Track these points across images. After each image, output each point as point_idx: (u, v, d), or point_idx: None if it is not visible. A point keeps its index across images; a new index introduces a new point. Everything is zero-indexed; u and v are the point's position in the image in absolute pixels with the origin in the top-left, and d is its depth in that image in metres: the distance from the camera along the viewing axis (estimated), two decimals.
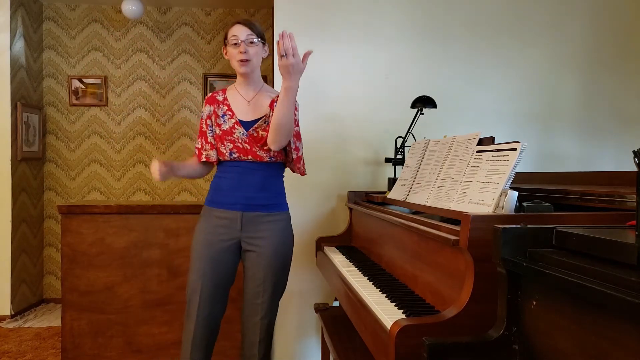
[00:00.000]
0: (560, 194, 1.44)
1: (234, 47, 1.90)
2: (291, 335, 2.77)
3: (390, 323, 1.14)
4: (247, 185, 1.92)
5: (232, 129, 1.93)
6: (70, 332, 2.65)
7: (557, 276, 0.82)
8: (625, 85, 2.89)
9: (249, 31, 1.90)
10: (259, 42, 1.92)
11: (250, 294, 1.95)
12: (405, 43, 2.78)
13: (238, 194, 1.92)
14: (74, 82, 4.45)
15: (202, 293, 1.91)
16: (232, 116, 1.95)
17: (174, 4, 4.46)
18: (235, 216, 1.91)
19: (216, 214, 1.94)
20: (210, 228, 1.94)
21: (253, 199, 1.92)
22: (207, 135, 2.00)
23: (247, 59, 1.89)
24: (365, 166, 2.77)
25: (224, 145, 1.94)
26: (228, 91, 2.02)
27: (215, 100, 2.00)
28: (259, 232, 1.92)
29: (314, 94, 2.73)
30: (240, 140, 1.92)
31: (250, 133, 1.92)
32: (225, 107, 1.97)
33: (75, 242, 2.66)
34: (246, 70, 1.92)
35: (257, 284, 1.92)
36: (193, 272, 1.94)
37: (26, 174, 4.15)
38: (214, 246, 1.92)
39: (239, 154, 1.92)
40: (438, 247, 1.34)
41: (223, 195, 1.94)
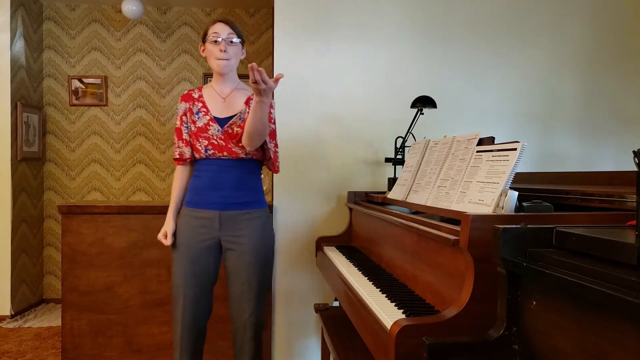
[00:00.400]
0: (560, 194, 1.44)
1: (213, 44, 1.90)
2: (291, 335, 2.77)
3: (390, 323, 1.14)
4: (224, 184, 1.92)
5: (207, 125, 1.94)
6: (70, 332, 2.65)
7: (557, 276, 0.82)
8: (625, 85, 2.89)
9: (230, 30, 1.91)
10: (238, 43, 1.93)
11: (235, 293, 1.95)
12: (405, 43, 2.78)
13: (215, 193, 1.92)
14: (74, 82, 4.45)
15: (186, 295, 1.92)
16: (206, 113, 1.96)
17: (174, 4, 4.46)
18: (214, 215, 1.92)
19: (194, 215, 1.94)
20: (189, 229, 1.94)
21: (230, 197, 1.92)
22: (182, 132, 2.01)
23: (226, 59, 1.90)
24: (365, 166, 2.77)
25: (199, 142, 1.94)
26: (204, 89, 2.03)
27: (190, 98, 2.01)
28: (239, 230, 1.93)
29: (314, 94, 2.73)
30: (215, 137, 1.92)
31: (225, 129, 1.92)
32: (200, 104, 1.98)
33: (75, 242, 2.66)
34: (224, 70, 1.93)
35: (242, 282, 1.93)
36: (175, 275, 1.95)
37: (26, 174, 4.15)
38: (193, 247, 1.93)
39: (214, 151, 1.93)
40: (438, 247, 1.34)
41: (200, 195, 1.94)
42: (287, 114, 2.71)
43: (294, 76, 2.73)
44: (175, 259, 1.96)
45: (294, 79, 2.73)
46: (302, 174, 2.73)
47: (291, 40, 2.72)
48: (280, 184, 2.73)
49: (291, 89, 2.73)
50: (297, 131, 2.72)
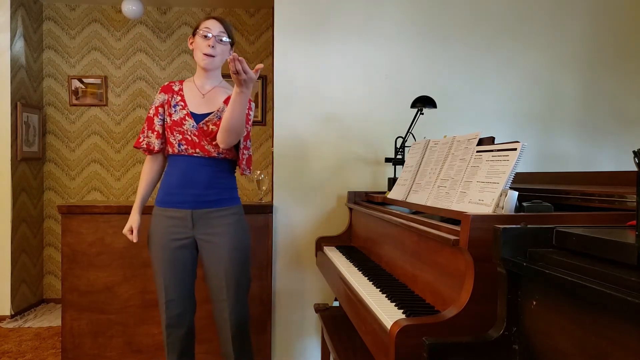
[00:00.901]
0: (560, 194, 1.44)
1: (203, 39, 1.90)
2: (291, 335, 2.77)
3: (390, 323, 1.14)
4: (195, 182, 1.91)
5: (183, 120, 1.92)
6: (70, 332, 2.65)
7: (557, 276, 0.82)
8: (625, 86, 2.90)
9: (221, 28, 1.91)
10: (227, 42, 1.93)
11: (214, 292, 1.95)
12: (405, 43, 2.78)
13: (186, 192, 1.91)
14: (74, 82, 4.45)
15: (168, 295, 1.93)
16: (184, 107, 1.94)
17: (174, 4, 4.46)
18: (186, 215, 1.91)
19: (166, 214, 1.93)
20: (162, 229, 1.93)
21: (202, 195, 1.91)
22: (154, 122, 1.98)
23: (212, 55, 1.90)
24: (365, 166, 2.77)
25: (173, 136, 1.93)
26: (185, 83, 2.02)
27: (170, 89, 1.99)
28: (212, 228, 1.92)
29: (314, 93, 2.73)
30: (189, 133, 1.91)
31: (200, 126, 1.91)
32: (179, 97, 1.96)
33: (75, 242, 2.66)
34: (208, 66, 1.93)
35: (219, 280, 1.92)
36: (156, 275, 1.95)
37: (26, 174, 4.15)
38: (168, 247, 1.92)
39: (186, 146, 1.91)
40: (438, 247, 1.34)
41: (172, 194, 1.93)
42: (287, 114, 2.71)
43: (293, 76, 2.73)
44: (153, 260, 1.96)
45: (294, 79, 2.73)
46: (302, 174, 2.74)
47: (291, 40, 2.72)
48: (280, 184, 2.74)
49: (291, 89, 2.73)
50: (297, 131, 2.72)
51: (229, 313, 1.93)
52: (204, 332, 2.53)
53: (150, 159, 2.04)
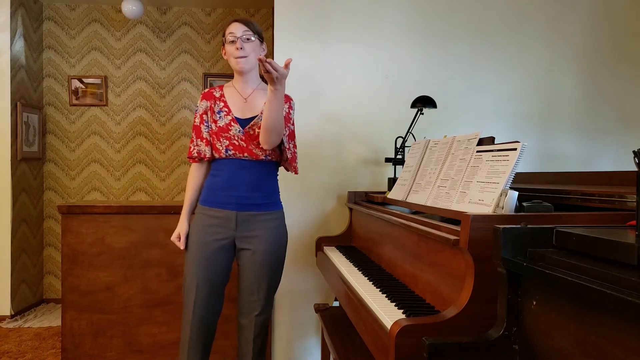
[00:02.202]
0: (560, 194, 1.44)
1: (231, 44, 1.91)
2: (291, 335, 2.77)
3: (390, 323, 1.14)
4: (242, 184, 1.92)
5: (228, 125, 1.93)
6: (70, 332, 2.65)
7: (557, 276, 0.82)
8: (625, 85, 2.90)
9: (245, 28, 1.90)
10: (255, 39, 1.92)
11: (245, 292, 1.96)
12: (405, 43, 2.78)
13: (232, 193, 1.91)
14: (74, 82, 4.45)
15: (198, 293, 1.92)
16: (228, 113, 1.95)
17: (174, 4, 4.46)
18: (230, 215, 1.91)
19: (210, 214, 1.94)
20: (204, 228, 1.93)
21: (247, 198, 1.92)
22: (201, 130, 1.98)
23: (244, 55, 1.90)
24: (365, 166, 2.77)
25: (219, 142, 1.94)
26: (225, 88, 2.02)
27: (212, 96, 2.00)
28: (253, 231, 1.93)
29: (314, 94, 2.73)
30: (236, 138, 1.92)
31: (246, 130, 1.92)
32: (222, 103, 1.97)
33: (75, 242, 2.66)
34: (243, 67, 1.92)
35: (252, 282, 1.93)
36: (188, 273, 1.94)
37: (26, 174, 4.15)
38: (208, 246, 1.92)
39: (234, 151, 1.92)
40: (438, 247, 1.34)
41: (217, 195, 1.93)
42: None
43: (293, 76, 2.73)
44: (188, 257, 1.95)
45: (294, 79, 2.73)
46: (302, 174, 2.73)
47: (291, 40, 2.72)
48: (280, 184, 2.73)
49: (291, 89, 2.72)
50: (297, 131, 2.71)
51: (256, 314, 1.94)
52: None
53: (196, 166, 2.04)
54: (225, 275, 1.98)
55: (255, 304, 1.94)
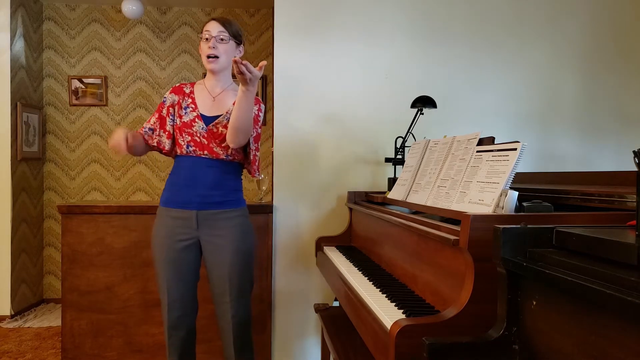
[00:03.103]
0: (560, 194, 1.44)
1: (204, 42, 1.92)
2: (291, 335, 2.77)
3: (390, 323, 1.14)
4: (201, 183, 1.91)
5: (192, 121, 1.93)
6: (70, 332, 2.65)
7: (557, 276, 0.82)
8: (625, 85, 2.89)
9: (221, 28, 1.91)
10: (229, 41, 1.92)
11: (217, 293, 1.95)
12: (405, 43, 2.78)
13: (192, 192, 1.91)
14: (74, 82, 4.45)
15: (170, 296, 1.92)
16: (194, 109, 1.95)
17: (174, 4, 4.46)
18: (190, 215, 1.91)
19: (171, 214, 1.93)
20: (167, 229, 1.93)
21: (207, 196, 1.91)
22: (166, 122, 1.99)
23: (215, 55, 1.90)
24: (365, 166, 2.77)
25: (182, 137, 1.94)
26: (196, 85, 2.03)
27: (181, 91, 2.00)
28: (216, 229, 1.92)
29: (313, 93, 2.73)
30: (198, 134, 1.92)
31: (209, 128, 1.92)
32: (190, 99, 1.98)
33: (75, 242, 2.66)
34: (213, 67, 1.93)
35: (222, 282, 1.92)
36: (158, 276, 1.95)
37: (26, 174, 4.15)
38: (173, 247, 1.92)
39: (195, 148, 1.92)
40: (438, 247, 1.34)
41: (177, 194, 1.93)
42: (287, 114, 2.71)
43: (293, 76, 2.73)
44: (156, 261, 1.95)
45: (294, 79, 2.73)
46: (302, 174, 2.73)
47: (291, 40, 2.72)
48: (280, 184, 2.74)
49: (291, 89, 2.73)
50: (297, 131, 2.72)
51: (231, 315, 1.93)
52: (204, 332, 2.53)
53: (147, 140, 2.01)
54: (194, 274, 1.98)
55: (228, 305, 1.92)
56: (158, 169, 4.55)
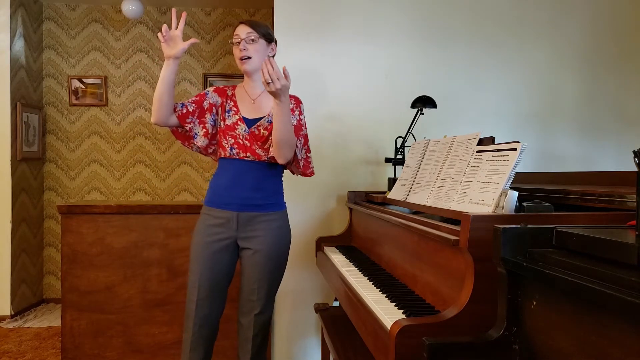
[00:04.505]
0: (560, 194, 1.44)
1: (235, 46, 1.94)
2: (291, 335, 2.77)
3: (390, 323, 1.14)
4: (243, 185, 1.93)
5: (235, 124, 1.95)
6: (70, 332, 2.65)
7: (557, 276, 0.82)
8: (625, 85, 2.90)
9: (249, 29, 1.92)
10: (259, 40, 1.93)
11: (245, 292, 1.97)
12: (405, 43, 2.78)
13: (234, 194, 1.93)
14: (74, 82, 4.45)
15: (200, 293, 1.93)
16: (236, 112, 1.98)
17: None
18: (231, 216, 1.93)
19: (213, 214, 1.95)
20: (207, 228, 1.95)
21: (248, 198, 1.93)
22: (206, 117, 1.96)
23: (247, 56, 1.92)
24: (365, 166, 2.77)
25: (226, 140, 1.96)
26: (237, 89, 2.05)
27: (224, 94, 2.02)
28: (255, 231, 1.94)
29: (314, 94, 2.73)
30: (241, 137, 1.94)
31: (252, 130, 1.94)
32: (232, 102, 2.00)
33: (75, 242, 2.66)
34: (247, 68, 1.95)
35: (253, 282, 1.94)
36: (191, 272, 1.96)
37: (26, 174, 4.15)
38: (211, 246, 1.93)
39: (238, 150, 1.94)
40: (438, 247, 1.34)
41: (220, 195, 1.95)
42: None
43: (293, 76, 2.72)
44: (193, 257, 1.96)
45: (294, 79, 2.72)
46: None
47: (291, 41, 2.72)
48: None
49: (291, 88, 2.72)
50: None
51: (256, 313, 1.95)
52: None
53: None
54: (227, 275, 1.99)
55: (256, 303, 1.95)
56: (158, 169, 4.55)
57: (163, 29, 1.82)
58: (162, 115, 1.89)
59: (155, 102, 1.88)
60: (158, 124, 1.91)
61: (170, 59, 1.85)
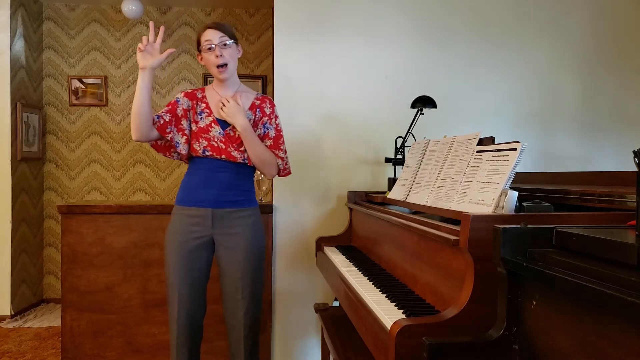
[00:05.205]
0: (560, 194, 1.44)
1: (208, 52, 1.92)
2: (291, 335, 2.77)
3: (390, 323, 1.14)
4: (217, 184, 1.94)
5: (209, 126, 1.95)
6: (70, 332, 2.65)
7: (557, 276, 0.82)
8: (625, 85, 2.90)
9: (220, 34, 1.92)
10: (232, 43, 1.94)
11: (229, 291, 1.97)
12: (405, 43, 2.78)
13: (208, 192, 1.93)
14: (73, 82, 4.45)
15: (181, 293, 1.93)
16: (209, 114, 1.97)
17: (174, 4, 4.46)
18: (206, 213, 1.93)
19: (187, 213, 1.95)
20: (182, 227, 1.94)
21: (223, 195, 1.94)
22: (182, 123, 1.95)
23: (224, 63, 1.92)
24: (365, 166, 2.77)
25: (198, 142, 1.95)
26: (207, 90, 2.04)
27: (194, 96, 2.01)
28: (231, 228, 1.94)
29: (314, 93, 2.73)
30: (215, 139, 1.93)
31: (226, 132, 1.94)
32: (204, 104, 1.99)
33: (75, 242, 2.66)
34: (226, 77, 1.96)
35: (236, 280, 1.94)
36: (169, 273, 1.95)
37: (26, 174, 4.15)
38: (186, 245, 1.93)
39: (212, 152, 1.93)
40: (438, 247, 1.34)
41: (193, 194, 1.95)
42: (287, 114, 2.71)
43: (293, 76, 2.73)
44: (169, 258, 1.96)
45: (294, 79, 2.73)
46: (302, 174, 2.73)
47: (291, 41, 2.72)
48: (280, 184, 2.73)
49: (291, 89, 2.73)
50: (297, 131, 2.72)
51: (243, 313, 1.94)
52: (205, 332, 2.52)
53: None
54: (206, 273, 2.00)
55: (240, 302, 1.94)
56: (158, 169, 4.55)
57: (144, 39, 1.85)
58: (144, 130, 1.87)
59: (136, 118, 1.84)
60: (140, 140, 1.90)
61: (146, 69, 1.85)
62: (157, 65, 1.88)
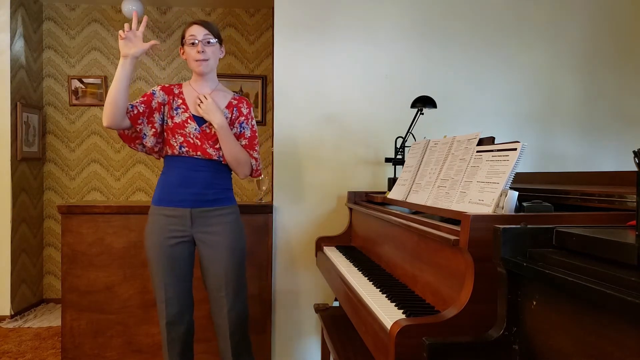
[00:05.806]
0: (560, 194, 1.44)
1: (191, 47, 1.94)
2: (291, 335, 2.77)
3: (390, 323, 1.14)
4: (195, 182, 1.94)
5: (185, 122, 1.95)
6: (70, 332, 2.65)
7: (557, 276, 0.82)
8: (625, 85, 2.90)
9: (205, 31, 1.94)
10: (215, 42, 1.96)
11: (213, 289, 1.97)
12: (405, 43, 2.78)
13: (187, 191, 1.93)
14: (73, 82, 4.45)
15: (167, 293, 1.94)
16: (185, 110, 1.97)
17: (174, 4, 4.46)
18: (185, 213, 1.93)
19: (165, 213, 1.94)
20: (160, 228, 1.94)
21: (201, 194, 1.94)
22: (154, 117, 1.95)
23: (205, 59, 1.93)
24: (365, 166, 2.77)
25: (174, 138, 1.94)
26: (184, 86, 2.04)
27: (171, 92, 2.01)
28: (211, 226, 1.95)
29: (314, 94, 2.73)
30: (191, 135, 1.93)
31: (202, 129, 1.94)
32: (180, 100, 1.99)
33: (75, 242, 2.66)
34: (204, 70, 1.96)
35: (219, 278, 1.95)
36: (154, 275, 1.96)
37: (26, 174, 4.15)
38: (167, 245, 1.93)
39: (188, 149, 1.93)
40: (438, 247, 1.34)
41: (171, 193, 1.94)
42: (287, 114, 2.71)
43: (293, 76, 2.73)
44: (151, 259, 1.96)
45: (294, 79, 2.73)
46: (302, 174, 2.74)
47: (291, 40, 2.72)
48: (280, 184, 2.73)
49: (291, 89, 2.73)
50: (297, 131, 2.72)
51: (227, 310, 1.94)
52: (202, 332, 2.53)
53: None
54: (189, 270, 2.00)
55: (224, 299, 1.94)
56: (158, 169, 4.55)
57: (125, 26, 1.84)
58: (116, 119, 1.88)
59: (110, 105, 1.87)
60: (111, 127, 1.90)
61: (128, 58, 1.84)
62: (140, 54, 1.87)
